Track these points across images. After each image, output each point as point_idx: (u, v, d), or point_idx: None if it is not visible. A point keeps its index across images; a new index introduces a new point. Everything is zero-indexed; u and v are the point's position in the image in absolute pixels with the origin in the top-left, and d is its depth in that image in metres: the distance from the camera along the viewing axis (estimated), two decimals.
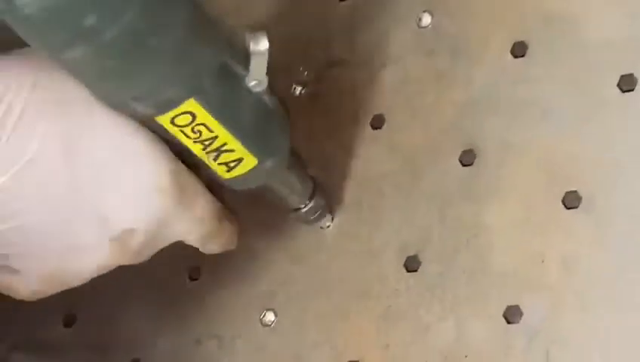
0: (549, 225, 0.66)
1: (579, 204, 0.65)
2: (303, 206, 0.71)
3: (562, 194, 0.66)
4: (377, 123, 0.76)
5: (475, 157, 0.70)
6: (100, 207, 0.53)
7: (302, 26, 0.83)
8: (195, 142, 0.56)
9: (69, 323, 0.83)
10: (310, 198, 0.71)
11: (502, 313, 0.65)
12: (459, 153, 0.71)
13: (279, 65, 0.83)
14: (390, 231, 0.72)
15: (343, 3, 0.82)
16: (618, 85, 0.66)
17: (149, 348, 0.78)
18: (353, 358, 0.70)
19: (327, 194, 0.73)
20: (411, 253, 0.70)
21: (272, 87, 0.61)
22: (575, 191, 0.66)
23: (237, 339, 0.75)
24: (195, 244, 0.62)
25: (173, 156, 0.56)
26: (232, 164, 0.60)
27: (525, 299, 0.65)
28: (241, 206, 0.79)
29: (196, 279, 0.79)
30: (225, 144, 0.57)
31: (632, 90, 0.66)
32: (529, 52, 0.71)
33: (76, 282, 0.58)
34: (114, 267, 0.59)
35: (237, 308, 0.76)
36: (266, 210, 0.78)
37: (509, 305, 0.65)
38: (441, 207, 0.70)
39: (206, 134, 0.56)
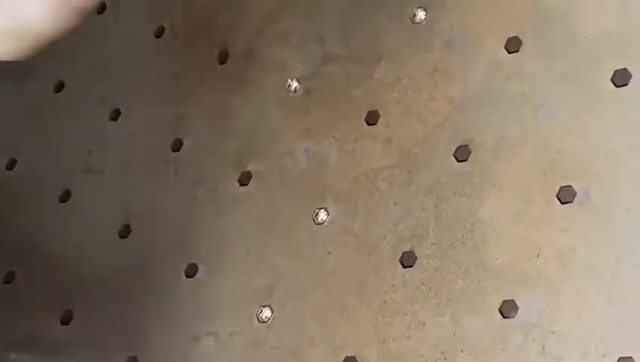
0: (544, 219, 0.66)
1: (573, 199, 0.66)
2: None
3: (557, 189, 0.66)
4: (372, 118, 0.76)
5: (470, 153, 0.71)
6: None
7: (296, 22, 0.83)
8: None
9: (66, 320, 0.83)
10: None
11: (498, 307, 0.65)
12: (454, 148, 0.71)
13: (274, 61, 0.84)
14: (386, 226, 0.72)
15: None
16: (612, 80, 0.67)
17: (146, 345, 0.78)
18: (350, 353, 0.70)
19: None
20: (407, 249, 0.70)
21: None
22: (570, 186, 0.66)
23: (234, 336, 0.75)
24: None
25: None
26: None
27: (521, 293, 0.65)
28: (237, 202, 0.80)
29: (192, 276, 0.79)
30: None
31: (626, 84, 0.66)
32: (523, 47, 0.71)
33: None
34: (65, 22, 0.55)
35: (234, 305, 0.76)
36: (263, 204, 0.78)
37: (505, 299, 0.65)
38: (436, 203, 0.71)
39: None
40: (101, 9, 0.98)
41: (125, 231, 0.84)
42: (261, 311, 0.75)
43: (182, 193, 0.83)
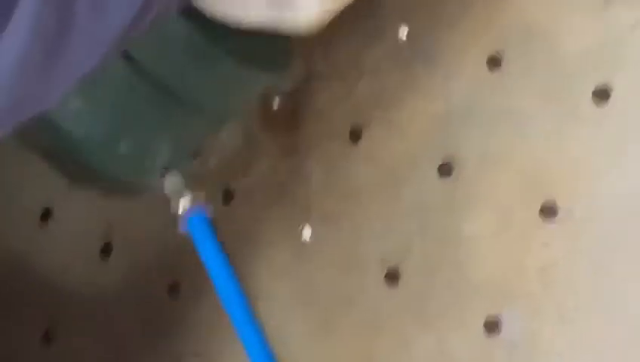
0: (527, 235, 0.66)
1: (556, 215, 0.66)
2: None
3: (540, 205, 0.67)
4: (355, 136, 0.76)
5: (453, 169, 0.71)
6: None
7: None
8: None
9: (47, 340, 0.83)
10: None
11: (482, 324, 0.66)
12: (437, 165, 0.71)
13: None
14: (370, 243, 0.72)
15: None
16: (593, 96, 0.67)
17: None
18: None
19: None
20: (392, 266, 0.71)
21: None
22: (552, 202, 0.66)
23: (220, 357, 0.75)
24: None
25: None
26: None
27: (505, 310, 0.65)
28: (219, 219, 0.79)
29: (176, 296, 0.78)
30: None
31: (607, 100, 0.67)
32: (504, 64, 0.71)
33: None
34: None
35: (218, 325, 0.76)
36: (246, 223, 0.78)
37: (489, 316, 0.66)
38: (420, 220, 0.71)
39: None
40: None
41: (107, 250, 0.83)
42: None
43: (164, 212, 0.82)
